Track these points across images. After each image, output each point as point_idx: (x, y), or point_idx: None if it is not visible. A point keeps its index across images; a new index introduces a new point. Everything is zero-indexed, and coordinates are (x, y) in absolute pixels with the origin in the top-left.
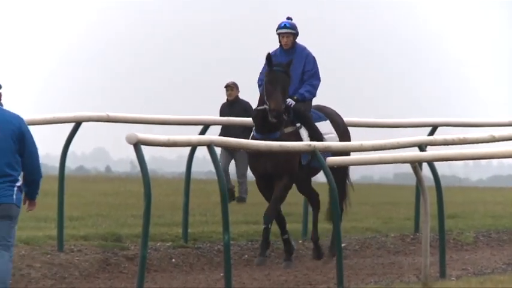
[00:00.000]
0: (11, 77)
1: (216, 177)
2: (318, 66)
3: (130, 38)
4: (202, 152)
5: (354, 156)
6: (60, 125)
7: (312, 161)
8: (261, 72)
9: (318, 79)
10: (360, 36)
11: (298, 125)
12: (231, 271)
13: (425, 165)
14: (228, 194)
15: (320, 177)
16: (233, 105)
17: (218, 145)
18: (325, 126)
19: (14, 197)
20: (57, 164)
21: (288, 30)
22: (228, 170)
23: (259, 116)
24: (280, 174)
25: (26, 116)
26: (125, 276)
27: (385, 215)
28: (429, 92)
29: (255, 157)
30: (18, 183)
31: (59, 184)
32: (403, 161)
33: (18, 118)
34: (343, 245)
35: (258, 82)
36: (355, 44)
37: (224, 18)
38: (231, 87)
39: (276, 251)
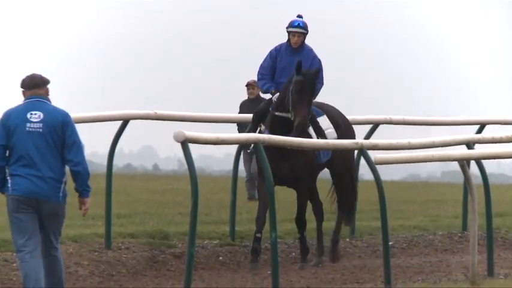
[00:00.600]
0: (11, 77)
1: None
2: (324, 69)
3: (131, 38)
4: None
5: (402, 154)
6: (108, 123)
7: (324, 158)
8: (261, 65)
9: (322, 83)
10: (359, 36)
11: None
12: (278, 269)
13: (473, 163)
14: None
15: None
16: (254, 103)
17: (265, 143)
18: (323, 122)
19: (61, 194)
20: (104, 162)
21: (300, 30)
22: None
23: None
24: (299, 177)
25: (73, 114)
26: (172, 274)
27: (433, 213)
28: (429, 92)
29: (272, 158)
30: (64, 179)
31: (106, 182)
32: (451, 159)
33: (63, 113)
34: (390, 243)
35: (257, 76)
36: (353, 44)
37: (224, 18)
38: (252, 86)
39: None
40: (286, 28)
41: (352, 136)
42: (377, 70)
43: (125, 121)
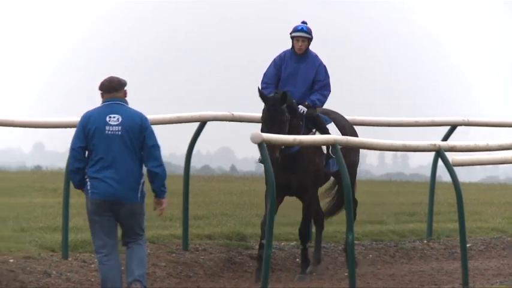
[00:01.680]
0: (11, 79)
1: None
2: (330, 76)
3: (131, 37)
4: None
5: (479, 156)
6: (186, 125)
7: (325, 166)
8: (265, 74)
9: (329, 90)
10: (356, 37)
11: (314, 131)
12: (355, 271)
13: None
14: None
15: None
16: None
17: (342, 145)
18: (331, 129)
19: (139, 195)
20: (182, 164)
21: (304, 35)
22: None
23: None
24: (306, 187)
25: (152, 116)
26: (249, 276)
27: (511, 215)
28: (427, 91)
29: (277, 166)
30: (142, 180)
31: (184, 183)
32: None
33: (140, 115)
34: (468, 245)
35: (261, 85)
36: (350, 44)
37: (232, 19)
38: None
39: (400, 251)
40: (290, 34)
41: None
42: (374, 71)
43: (203, 123)
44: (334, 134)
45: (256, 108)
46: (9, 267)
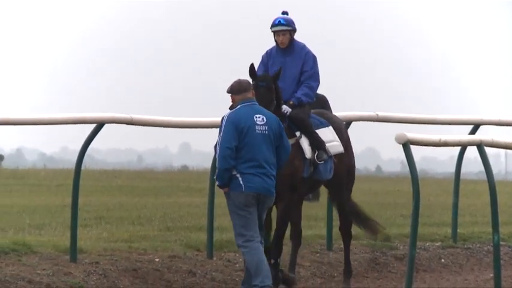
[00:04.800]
0: (12, 79)
1: (486, 178)
2: (318, 66)
3: (132, 37)
4: (473, 152)
5: None
6: None
7: (314, 173)
8: (258, 68)
9: (317, 80)
10: (350, 36)
11: (298, 134)
12: (500, 272)
13: None
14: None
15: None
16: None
17: (488, 145)
18: (327, 133)
19: (273, 189)
20: None
21: (283, 28)
22: None
23: None
24: (280, 192)
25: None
26: (393, 276)
27: None
28: (417, 90)
29: None
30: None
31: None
32: None
33: (275, 117)
34: None
35: None
36: (345, 43)
37: (234, 19)
38: None
39: None
40: (270, 29)
41: (350, 150)
42: (367, 69)
43: (347, 123)
44: (330, 138)
45: None
46: (155, 267)
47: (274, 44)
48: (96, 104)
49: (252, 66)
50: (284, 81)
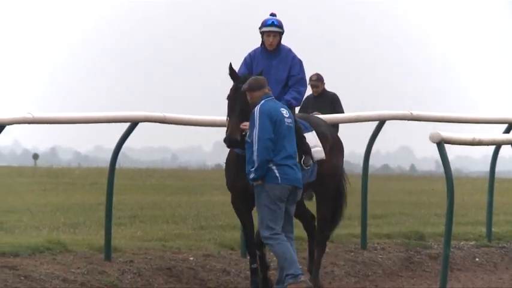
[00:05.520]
0: (12, 79)
1: None
2: (306, 69)
3: (132, 37)
4: (507, 151)
5: None
6: (364, 124)
7: (311, 176)
8: (239, 69)
9: (305, 85)
10: (349, 36)
11: None
12: None
13: None
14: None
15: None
16: (319, 98)
17: None
18: (310, 138)
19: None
20: (361, 163)
21: (275, 29)
22: None
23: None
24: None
25: (327, 116)
26: (427, 275)
27: None
28: (417, 90)
29: (235, 171)
30: None
31: (362, 182)
32: None
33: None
34: None
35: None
36: (345, 43)
37: (234, 19)
38: (316, 85)
39: None
40: (259, 29)
41: (340, 150)
42: (366, 69)
43: (381, 122)
44: (313, 144)
45: None
46: (190, 265)
47: (259, 45)
48: (96, 104)
49: (231, 66)
50: (269, 84)
